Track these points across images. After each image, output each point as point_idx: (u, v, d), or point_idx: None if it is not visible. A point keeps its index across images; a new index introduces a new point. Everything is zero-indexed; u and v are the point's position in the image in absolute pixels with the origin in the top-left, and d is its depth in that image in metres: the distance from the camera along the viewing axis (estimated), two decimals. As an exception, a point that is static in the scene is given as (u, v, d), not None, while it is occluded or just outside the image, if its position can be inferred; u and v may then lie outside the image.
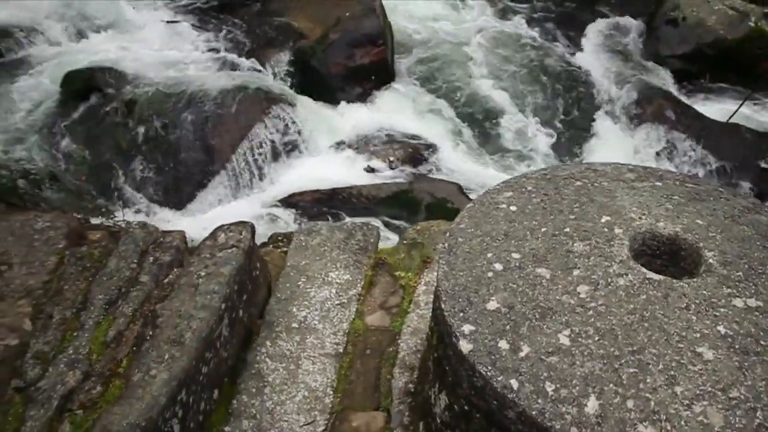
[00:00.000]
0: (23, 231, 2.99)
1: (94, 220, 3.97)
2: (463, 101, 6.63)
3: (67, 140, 5.58)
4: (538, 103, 6.69)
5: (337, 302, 2.84)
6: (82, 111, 5.97)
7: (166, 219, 5.23)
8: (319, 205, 5.23)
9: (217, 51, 6.89)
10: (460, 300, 1.88)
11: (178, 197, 5.42)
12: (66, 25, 7.14)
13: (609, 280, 1.89)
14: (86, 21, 7.23)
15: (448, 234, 2.15)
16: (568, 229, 2.09)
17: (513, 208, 2.22)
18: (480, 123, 6.40)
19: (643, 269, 1.93)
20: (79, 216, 3.86)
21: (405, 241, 3.31)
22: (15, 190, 3.76)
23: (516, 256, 2.01)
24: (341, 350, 2.65)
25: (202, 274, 2.43)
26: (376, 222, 5.00)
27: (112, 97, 6.02)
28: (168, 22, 7.39)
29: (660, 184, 2.32)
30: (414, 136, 6.04)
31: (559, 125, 6.47)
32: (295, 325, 2.73)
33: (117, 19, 7.33)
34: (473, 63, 7.14)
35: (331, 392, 2.50)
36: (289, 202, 5.27)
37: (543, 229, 2.10)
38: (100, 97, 6.07)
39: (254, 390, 2.49)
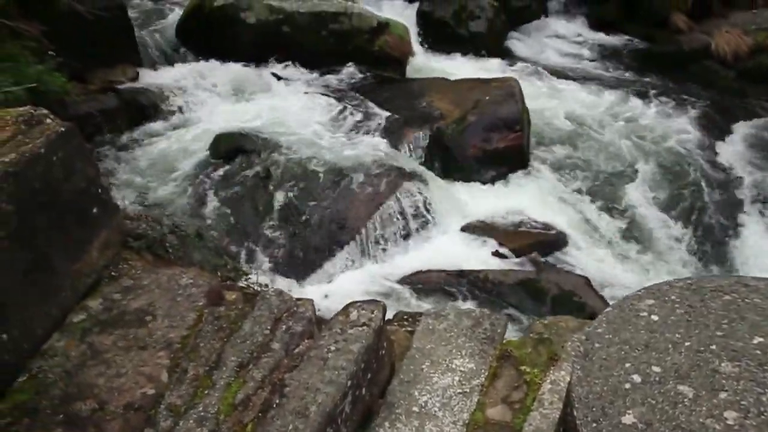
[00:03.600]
0: (169, 285, 3.18)
1: (230, 280, 4.14)
2: (598, 193, 6.49)
3: (212, 199, 5.92)
4: (679, 201, 6.44)
5: (459, 391, 2.80)
6: (228, 172, 6.31)
7: (293, 284, 5.38)
8: (444, 285, 5.21)
9: (357, 125, 7.12)
10: (594, 410, 1.81)
11: (306, 264, 5.57)
12: (217, 91, 7.66)
13: (762, 408, 1.76)
14: (236, 88, 7.73)
15: (584, 337, 2.09)
16: (714, 347, 1.98)
17: (654, 317, 2.13)
18: (614, 217, 6.23)
19: (802, 402, 1.79)
20: (218, 274, 4.06)
21: (532, 335, 3.24)
22: (163, 244, 4.00)
23: (656, 369, 1.92)
24: (459, 441, 2.60)
25: (332, 348, 2.48)
26: (500, 308, 4.93)
27: (254, 161, 6.34)
28: (312, 94, 7.73)
29: (821, 306, 2.16)
30: (545, 225, 5.95)
31: (701, 226, 6.18)
32: (415, 409, 2.71)
33: (264, 87, 7.78)
34: (612, 154, 7.01)
35: (446, 484, 2.45)
36: (414, 279, 5.30)
37: (686, 344, 2.00)
38: (243, 160, 6.40)
39: (369, 471, 2.48)
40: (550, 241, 5.82)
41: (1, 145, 2.93)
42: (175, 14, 8.77)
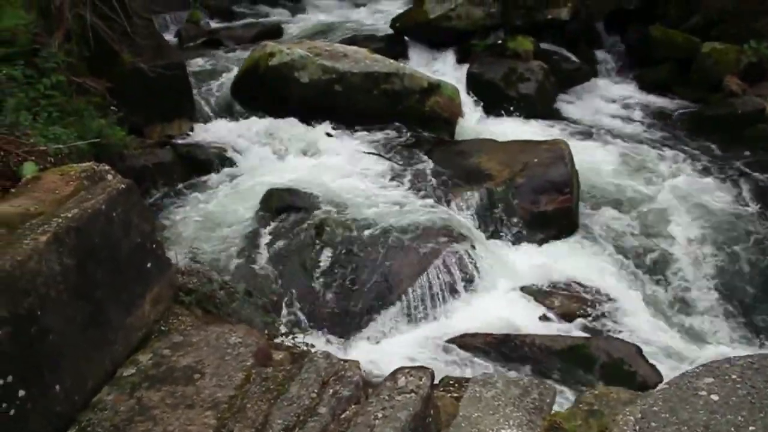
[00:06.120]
0: (218, 343, 3.20)
1: (276, 339, 4.16)
2: (649, 260, 6.35)
3: (262, 255, 5.99)
4: (734, 270, 6.24)
5: (507, 463, 2.73)
6: (278, 228, 6.38)
7: (339, 343, 5.36)
8: (490, 349, 5.13)
9: (406, 184, 7.16)
10: (652, 495, 1.74)
11: (352, 323, 5.56)
12: (270, 148, 7.82)
13: (831, 502, 1.67)
14: (288, 145, 7.88)
15: (639, 415, 2.03)
16: (780, 433, 1.90)
17: (714, 397, 2.06)
18: (666, 285, 6.07)
19: None
20: (266, 332, 4.08)
21: (581, 406, 3.14)
22: (213, 300, 4.06)
23: (717, 454, 1.85)
24: None
25: (379, 415, 2.45)
26: (547, 375, 4.82)
27: (304, 218, 6.40)
28: (363, 152, 7.82)
29: None
30: (594, 290, 5.84)
31: (758, 298, 5.96)
32: (461, 480, 2.65)
33: (316, 145, 7.91)
34: (663, 219, 6.88)
35: None
36: (460, 342, 5.22)
37: (751, 428, 1.93)
38: (294, 217, 6.47)
39: None
40: (599, 306, 5.70)
41: (65, 200, 3.04)
42: (231, 72, 9.06)
